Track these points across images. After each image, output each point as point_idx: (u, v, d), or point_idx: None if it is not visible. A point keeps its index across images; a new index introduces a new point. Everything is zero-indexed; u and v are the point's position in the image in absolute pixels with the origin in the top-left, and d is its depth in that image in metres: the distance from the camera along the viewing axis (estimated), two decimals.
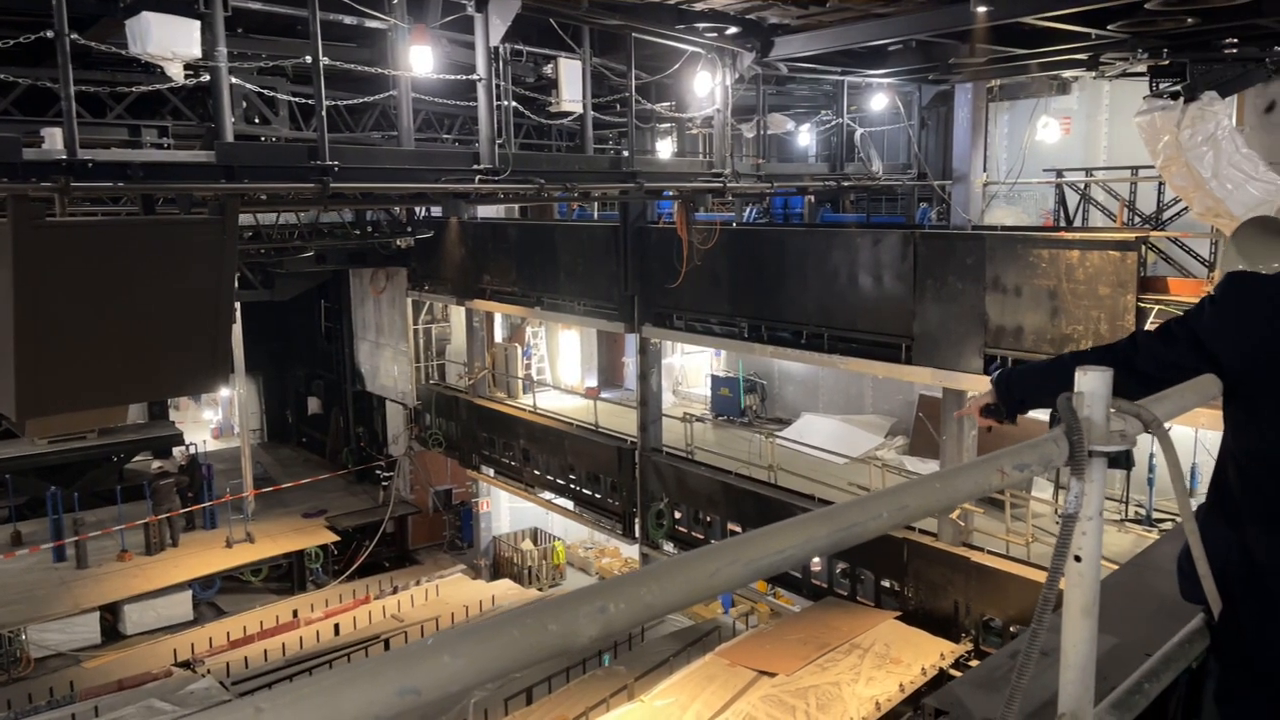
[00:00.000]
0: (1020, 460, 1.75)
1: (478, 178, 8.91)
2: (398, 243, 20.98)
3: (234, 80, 8.12)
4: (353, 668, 0.98)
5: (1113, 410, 1.94)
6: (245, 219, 17.98)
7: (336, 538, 21.15)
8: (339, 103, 9.26)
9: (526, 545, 22.04)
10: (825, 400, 19.52)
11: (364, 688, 0.96)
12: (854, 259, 13.47)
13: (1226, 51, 9.41)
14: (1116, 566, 3.72)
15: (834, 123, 14.97)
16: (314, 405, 27.79)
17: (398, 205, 18.51)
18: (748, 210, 19.50)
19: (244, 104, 9.15)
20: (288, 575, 20.64)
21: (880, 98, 15.14)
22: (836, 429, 17.69)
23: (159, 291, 7.39)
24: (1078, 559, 1.94)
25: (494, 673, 1.06)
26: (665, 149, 16.37)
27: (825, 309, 13.87)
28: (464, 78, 8.84)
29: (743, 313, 15.14)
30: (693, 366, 22.86)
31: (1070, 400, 1.88)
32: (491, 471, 21.13)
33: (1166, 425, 2.12)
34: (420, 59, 8.12)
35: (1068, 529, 1.82)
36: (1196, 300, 2.53)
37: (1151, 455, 12.65)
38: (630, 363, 21.08)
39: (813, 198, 17.52)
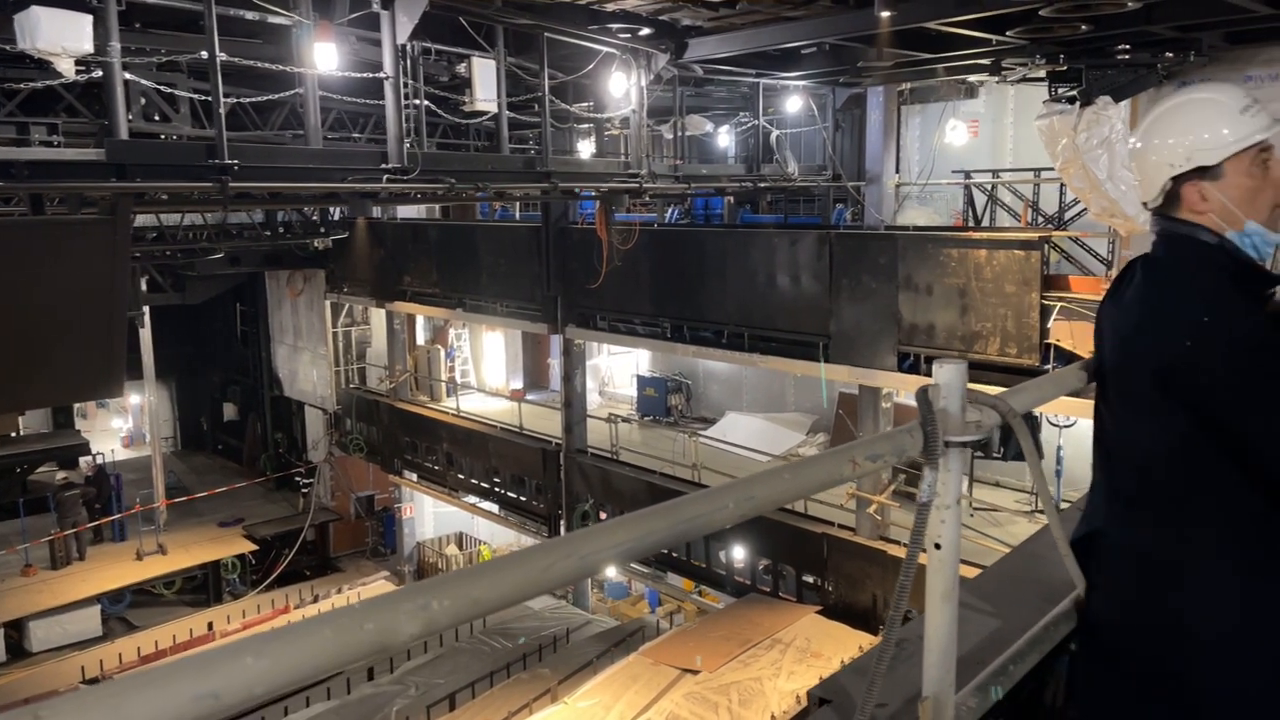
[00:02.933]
0: (873, 451, 1.78)
1: (386, 177, 8.79)
2: (315, 244, 20.54)
3: (130, 76, 7.86)
4: (146, 672, 0.95)
5: (970, 401, 2.00)
6: (148, 220, 17.42)
7: (254, 547, 20.62)
8: (243, 100, 9.03)
9: (451, 550, 21.81)
10: (749, 399, 19.74)
11: (155, 693, 0.93)
12: (772, 259, 13.64)
13: (1119, 58, 9.79)
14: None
15: (751, 124, 15.15)
16: (230, 411, 27.06)
17: (309, 205, 18.12)
18: (669, 211, 19.61)
19: (142, 101, 8.84)
20: (203, 587, 20.04)
21: (795, 100, 15.37)
22: (760, 427, 17.91)
23: (48, 295, 7.08)
24: (938, 546, 1.99)
25: (304, 674, 1.04)
26: (586, 149, 16.36)
27: (745, 309, 14.02)
28: (370, 75, 8.71)
29: (665, 313, 15.21)
30: (619, 367, 22.90)
31: (926, 392, 1.93)
32: (414, 476, 20.84)
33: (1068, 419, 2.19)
34: (325, 56, 7.97)
35: (922, 517, 1.87)
36: (1099, 297, 2.55)
37: (1059, 447, 13.10)
38: (555, 364, 21.02)
39: (732, 199, 17.69)
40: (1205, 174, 2.03)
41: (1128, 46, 9.65)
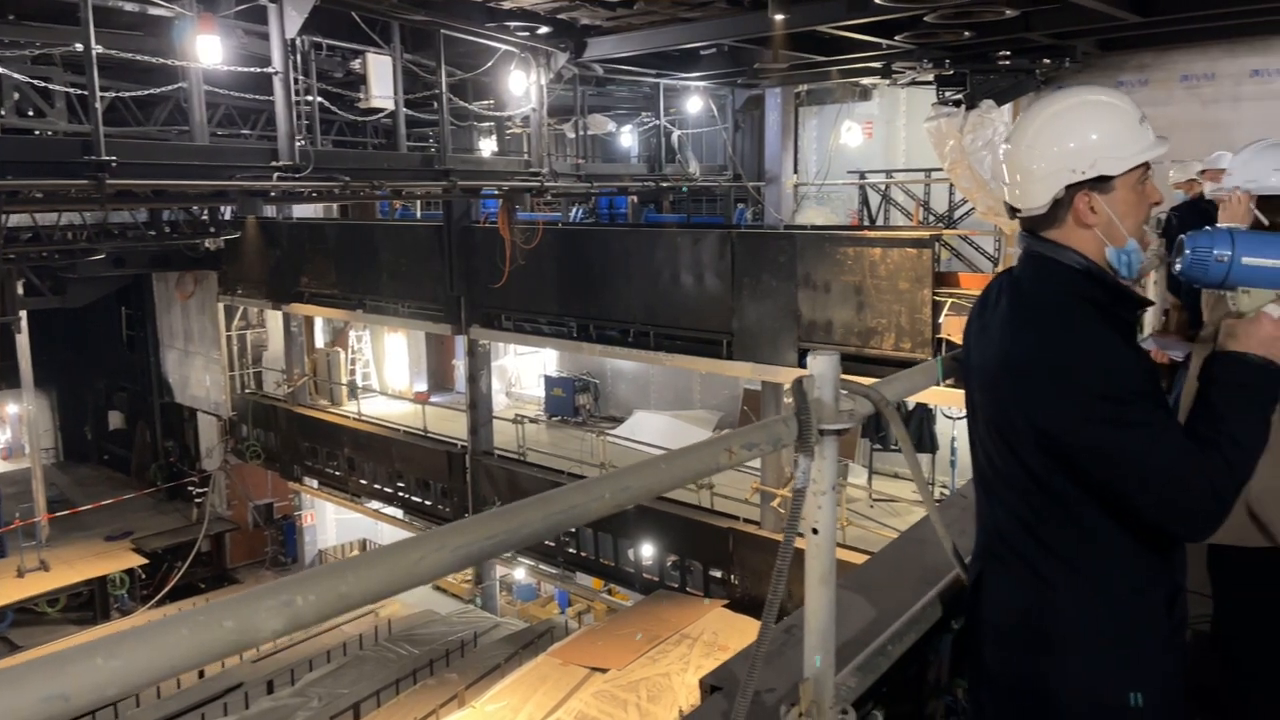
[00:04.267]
0: (749, 440, 1.83)
1: (276, 175, 8.54)
2: (206, 244, 19.79)
3: (1, 70, 7.48)
4: None
5: (844, 391, 2.06)
6: (22, 219, 16.54)
7: (144, 560, 19.79)
8: (123, 95, 8.66)
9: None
10: (656, 397, 19.88)
11: (3, 694, 0.91)
12: (675, 258, 13.75)
13: (1001, 63, 10.22)
14: None
15: (653, 124, 15.25)
16: (116, 420, 25.89)
17: (196, 204, 17.45)
18: (574, 210, 19.60)
19: (15, 95, 8.39)
20: (89, 604, 19.17)
21: (696, 100, 15.54)
22: (667, 424, 18.05)
23: None
24: (815, 531, 2.05)
25: (159, 674, 1.02)
26: (488, 147, 16.22)
27: (650, 307, 14.10)
28: (259, 70, 8.45)
29: (571, 312, 15.18)
30: (526, 367, 22.78)
31: (801, 383, 1.98)
32: (315, 483, 20.32)
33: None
34: (207, 49, 7.70)
35: (798, 504, 1.91)
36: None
37: (954, 438, 13.57)
38: (460, 365, 20.77)
39: (635, 198, 17.79)
40: (1098, 185, 1.92)
41: (1008, 52, 10.09)
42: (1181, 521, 1.89)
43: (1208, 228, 2.01)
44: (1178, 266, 1.98)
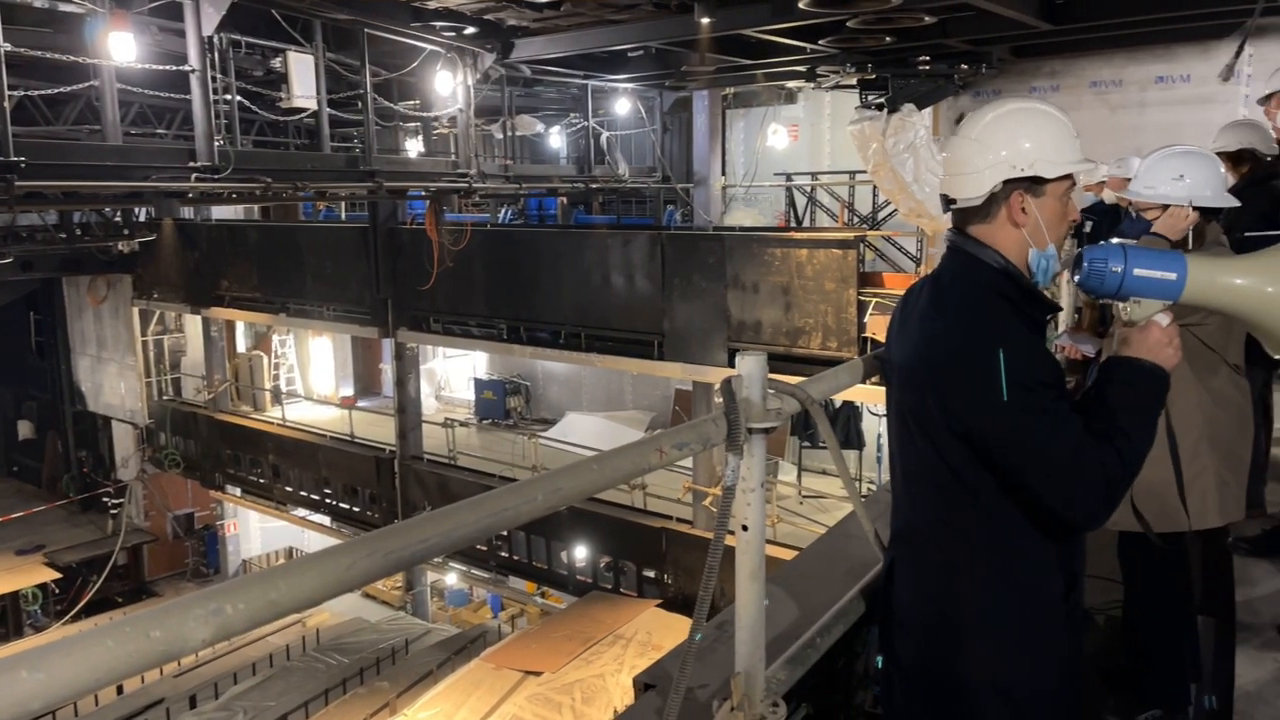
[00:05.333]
0: (679, 440, 1.86)
1: (194, 176, 8.32)
2: (120, 247, 19.11)
3: None
4: None
5: (771, 390, 2.11)
6: None
7: (58, 575, 19.11)
8: (32, 93, 8.34)
9: None
10: (588, 398, 19.86)
11: None
12: (606, 260, 13.77)
13: (921, 68, 10.48)
14: None
15: (581, 125, 15.25)
16: (26, 429, 24.87)
17: (110, 206, 16.86)
18: (503, 211, 19.48)
19: None
20: (1, 620, 18.41)
21: (624, 102, 15.59)
22: (600, 426, 18.05)
23: None
24: (745, 528, 2.09)
25: (84, 687, 1.00)
26: (415, 148, 16.02)
27: (581, 309, 14.09)
28: (175, 69, 8.21)
29: (501, 314, 15.09)
30: (455, 370, 22.54)
31: (730, 383, 2.02)
32: (238, 491, 19.81)
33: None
34: (120, 46, 7.46)
35: (728, 501, 1.95)
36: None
37: (880, 435, 13.85)
38: (388, 369, 20.46)
39: (565, 200, 17.76)
40: (1032, 187, 2.03)
41: (927, 58, 10.35)
42: (1077, 508, 1.99)
43: (1103, 242, 2.12)
44: (1077, 278, 2.09)
